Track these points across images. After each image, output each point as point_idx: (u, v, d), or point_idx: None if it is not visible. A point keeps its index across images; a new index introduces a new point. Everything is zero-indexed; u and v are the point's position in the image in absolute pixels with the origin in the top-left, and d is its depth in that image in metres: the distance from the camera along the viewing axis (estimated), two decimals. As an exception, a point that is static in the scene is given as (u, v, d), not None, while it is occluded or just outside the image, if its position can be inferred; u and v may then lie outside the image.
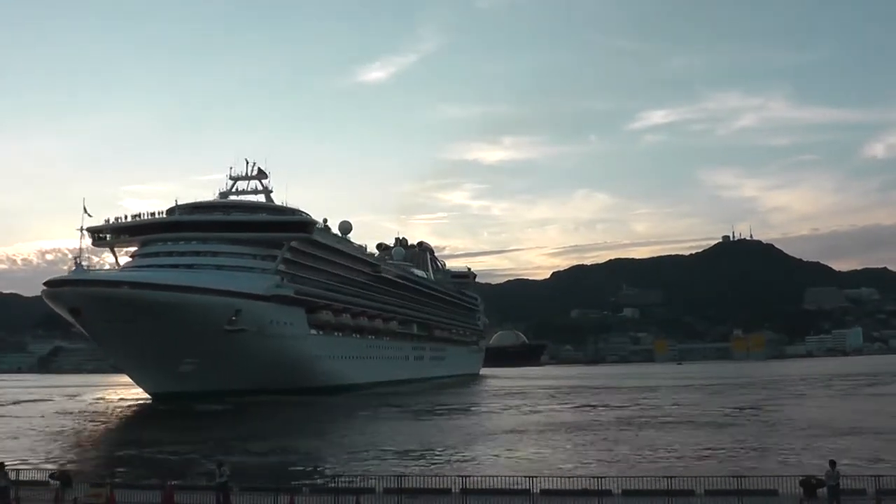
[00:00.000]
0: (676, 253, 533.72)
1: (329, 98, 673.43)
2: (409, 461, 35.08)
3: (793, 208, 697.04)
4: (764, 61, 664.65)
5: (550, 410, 66.24)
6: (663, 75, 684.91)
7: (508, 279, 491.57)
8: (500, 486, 23.90)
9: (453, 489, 23.73)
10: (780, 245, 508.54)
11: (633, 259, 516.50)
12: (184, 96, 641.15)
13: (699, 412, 60.39)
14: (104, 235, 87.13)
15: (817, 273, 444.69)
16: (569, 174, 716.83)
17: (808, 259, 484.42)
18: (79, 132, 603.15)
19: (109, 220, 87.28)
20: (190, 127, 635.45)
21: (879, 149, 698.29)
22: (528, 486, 23.25)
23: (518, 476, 25.00)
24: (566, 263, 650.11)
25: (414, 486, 24.69)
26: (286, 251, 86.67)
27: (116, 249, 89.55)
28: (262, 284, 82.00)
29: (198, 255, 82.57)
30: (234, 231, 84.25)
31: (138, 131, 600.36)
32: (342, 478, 27.14)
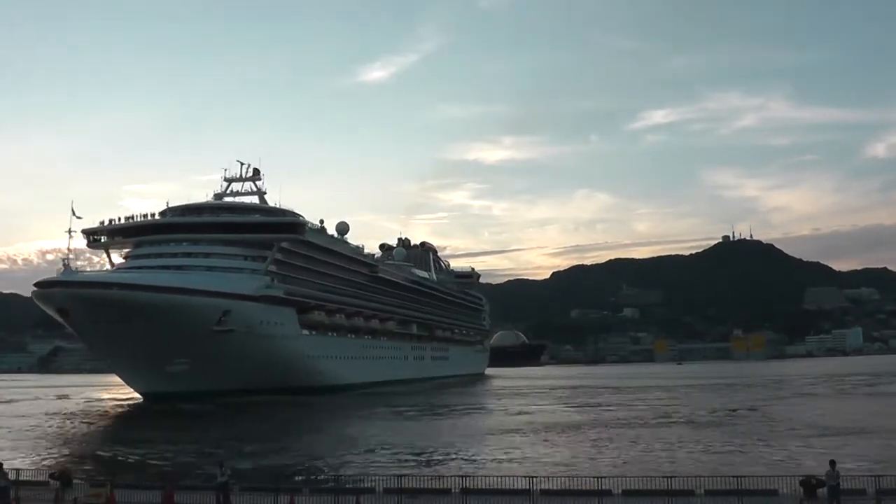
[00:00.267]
0: (676, 253, 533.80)
1: (329, 98, 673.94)
2: (409, 461, 35.00)
3: (793, 208, 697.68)
4: (764, 61, 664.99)
5: (550, 410, 66.20)
6: (663, 75, 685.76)
7: (509, 279, 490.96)
8: (500, 486, 23.88)
9: (453, 489, 23.74)
10: (780, 245, 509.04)
11: (634, 259, 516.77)
12: (184, 96, 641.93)
13: (699, 412, 60.34)
14: (99, 237, 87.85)
15: (817, 273, 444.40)
16: (569, 174, 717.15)
17: (808, 259, 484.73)
18: (79, 132, 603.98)
19: (105, 221, 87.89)
20: (190, 127, 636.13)
21: (880, 149, 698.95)
22: (528, 486, 23.26)
23: (518, 476, 24.99)
24: (566, 263, 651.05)
25: (414, 486, 24.68)
26: (277, 252, 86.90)
27: (111, 251, 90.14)
28: (251, 285, 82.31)
29: (189, 256, 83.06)
30: (225, 232, 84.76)
31: (138, 131, 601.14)
32: (342, 478, 27.14)
